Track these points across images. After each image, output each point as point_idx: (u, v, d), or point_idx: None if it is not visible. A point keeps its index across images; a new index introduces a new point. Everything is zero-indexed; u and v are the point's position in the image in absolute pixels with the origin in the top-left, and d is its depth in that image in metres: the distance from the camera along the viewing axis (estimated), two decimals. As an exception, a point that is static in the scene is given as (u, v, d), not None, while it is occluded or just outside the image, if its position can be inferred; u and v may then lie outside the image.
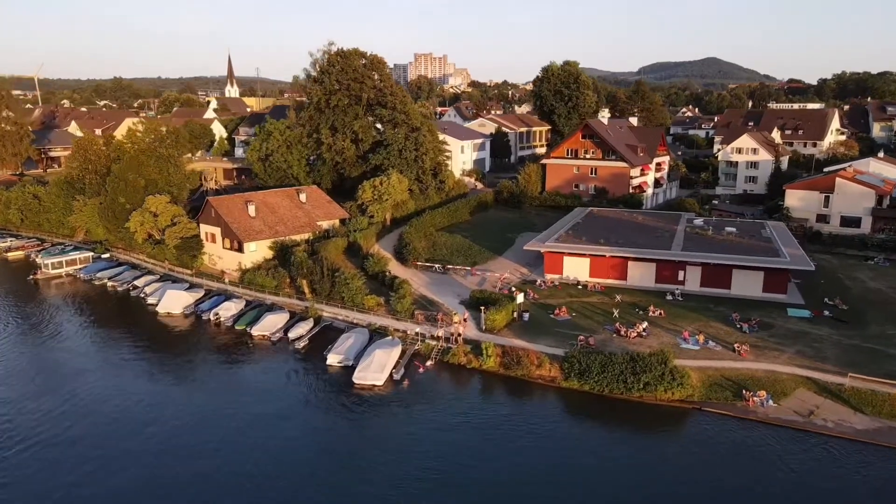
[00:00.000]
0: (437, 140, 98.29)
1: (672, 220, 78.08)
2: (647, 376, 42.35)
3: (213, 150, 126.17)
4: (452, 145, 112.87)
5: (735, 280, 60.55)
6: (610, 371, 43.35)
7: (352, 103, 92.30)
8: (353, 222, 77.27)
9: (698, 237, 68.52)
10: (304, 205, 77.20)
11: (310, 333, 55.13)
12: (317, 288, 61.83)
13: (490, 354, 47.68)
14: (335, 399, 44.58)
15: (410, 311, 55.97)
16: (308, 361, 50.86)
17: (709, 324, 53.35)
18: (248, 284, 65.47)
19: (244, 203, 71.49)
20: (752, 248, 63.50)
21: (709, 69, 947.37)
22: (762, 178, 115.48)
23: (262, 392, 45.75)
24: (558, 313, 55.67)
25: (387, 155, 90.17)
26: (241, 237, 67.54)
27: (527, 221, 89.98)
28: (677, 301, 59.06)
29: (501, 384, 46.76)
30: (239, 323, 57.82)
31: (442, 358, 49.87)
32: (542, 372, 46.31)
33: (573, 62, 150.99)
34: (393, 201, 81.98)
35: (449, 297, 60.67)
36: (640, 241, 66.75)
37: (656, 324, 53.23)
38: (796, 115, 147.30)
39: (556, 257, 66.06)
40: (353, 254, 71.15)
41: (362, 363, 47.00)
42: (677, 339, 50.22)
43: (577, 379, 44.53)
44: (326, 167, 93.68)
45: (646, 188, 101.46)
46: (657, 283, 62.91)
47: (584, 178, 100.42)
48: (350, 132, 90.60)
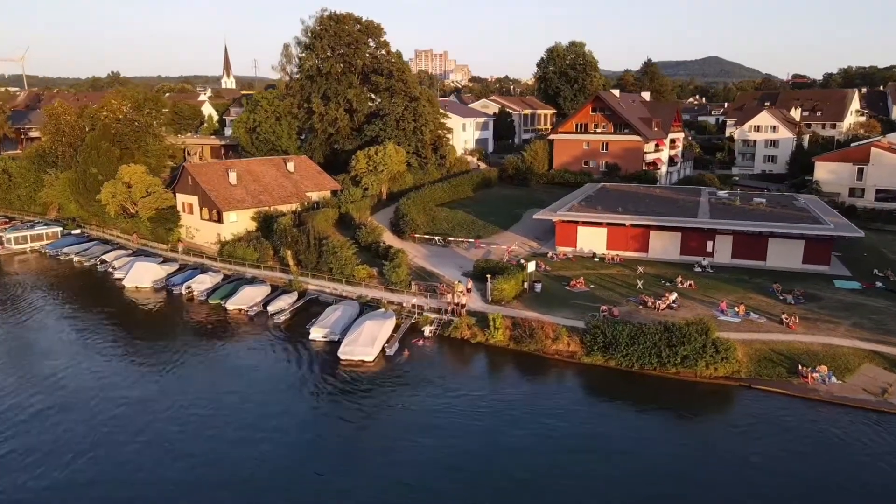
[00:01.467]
0: (438, 112, 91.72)
1: (692, 193, 71.48)
2: (686, 349, 35.78)
3: (202, 129, 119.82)
4: (454, 123, 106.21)
5: (771, 250, 53.94)
6: (641, 344, 36.78)
7: (345, 71, 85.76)
8: (345, 193, 70.71)
9: (726, 207, 61.93)
10: (291, 174, 70.65)
11: (292, 307, 48.59)
12: (302, 259, 55.27)
13: (498, 327, 41.15)
14: (316, 379, 37.94)
15: (407, 281, 49.46)
16: (289, 337, 44.30)
17: (747, 295, 46.74)
18: (228, 257, 58.91)
19: (224, 170, 64.91)
20: (788, 216, 56.90)
21: (710, 68, 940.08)
22: (782, 157, 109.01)
23: (232, 373, 39.05)
24: (574, 284, 49.12)
25: (383, 126, 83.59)
26: (220, 206, 60.98)
27: (534, 198, 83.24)
28: (707, 273, 52.48)
29: (512, 360, 40.19)
30: (213, 297, 51.27)
31: (442, 331, 43.35)
32: (559, 346, 39.74)
33: (580, 42, 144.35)
34: (389, 173, 75.42)
35: (450, 268, 54.12)
36: (662, 210, 60.23)
37: (687, 295, 46.68)
38: (814, 95, 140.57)
39: (570, 228, 59.48)
40: (344, 226, 64.65)
41: (349, 336, 40.45)
42: (713, 310, 43.63)
43: (601, 353, 37.95)
44: (318, 140, 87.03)
45: (660, 165, 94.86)
46: (682, 254, 56.31)
47: (594, 154, 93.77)
48: (344, 101, 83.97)
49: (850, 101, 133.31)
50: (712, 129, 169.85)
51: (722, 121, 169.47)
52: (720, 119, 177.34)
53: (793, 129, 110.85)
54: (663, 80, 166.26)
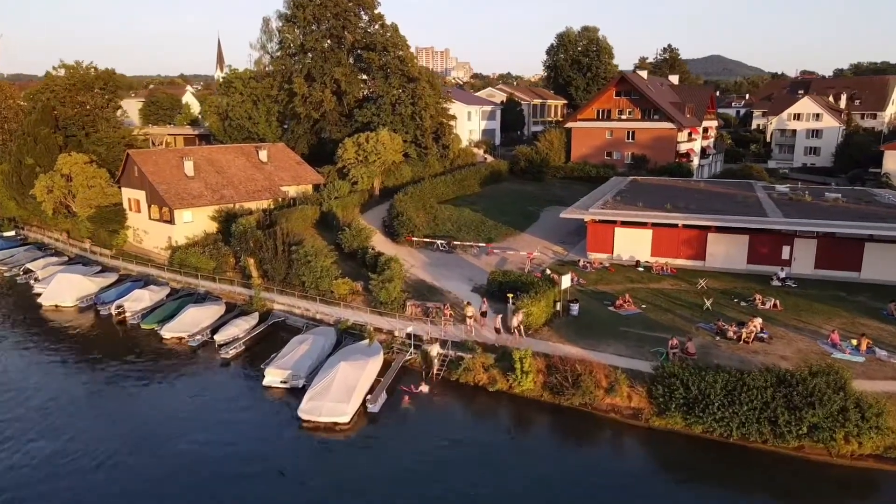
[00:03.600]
0: (440, 96, 79.86)
1: (742, 187, 59.64)
2: (816, 413, 23.84)
3: (177, 119, 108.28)
4: (458, 111, 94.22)
5: (868, 258, 42.05)
6: (745, 403, 24.81)
7: (333, 47, 73.98)
8: (328, 188, 58.92)
9: (795, 203, 50.09)
10: (264, 165, 58.83)
11: (248, 335, 36.65)
12: (268, 269, 43.52)
13: (527, 369, 29.28)
14: (261, 454, 25.97)
15: (400, 300, 37.64)
16: (236, 380, 32.49)
17: (855, 320, 34.93)
18: (179, 267, 47.12)
19: (179, 159, 53.03)
20: (884, 215, 45.08)
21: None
22: (826, 149, 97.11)
23: (136, 445, 27.05)
24: (621, 304, 37.30)
25: (377, 111, 71.79)
26: (170, 202, 49.12)
27: (551, 194, 71.66)
28: (789, 287, 40.65)
29: (548, 421, 28.39)
30: (147, 320, 39.41)
31: (448, 374, 31.54)
32: (616, 400, 27.86)
33: (593, 27, 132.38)
34: (383, 164, 63.59)
35: (457, 281, 42.34)
36: (720, 208, 48.39)
37: (772, 320, 34.84)
38: (851, 83, 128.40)
39: (605, 230, 47.65)
40: (327, 228, 52.86)
41: (317, 384, 28.54)
42: (820, 343, 31.82)
43: (681, 413, 26.05)
44: (302, 128, 75.17)
45: (692, 156, 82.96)
46: (750, 263, 44.49)
47: (618, 144, 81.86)
48: (331, 81, 72.13)
49: (892, 89, 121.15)
50: (733, 122, 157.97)
51: (745, 112, 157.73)
52: (741, 111, 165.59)
53: (838, 117, 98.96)
54: (684, 65, 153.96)
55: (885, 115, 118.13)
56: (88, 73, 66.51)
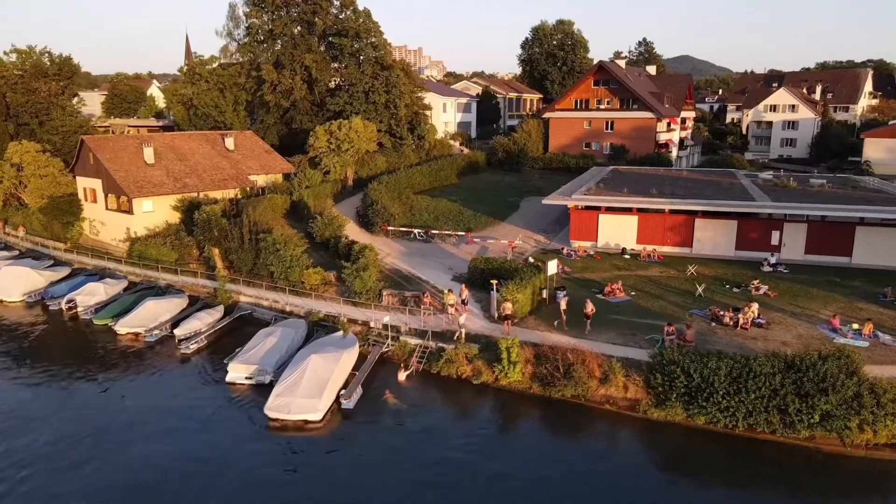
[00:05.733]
0: (414, 84, 77.55)
1: (725, 175, 58.35)
2: (826, 400, 22.01)
3: (141, 111, 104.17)
4: (433, 102, 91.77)
5: (859, 243, 40.79)
6: (751, 391, 22.87)
7: (303, 33, 71.15)
8: (299, 176, 56.16)
9: (781, 189, 48.77)
10: (231, 153, 55.82)
11: (211, 329, 33.89)
12: (234, 260, 40.72)
13: (514, 360, 27.08)
14: (223, 459, 23.42)
15: (376, 290, 35.21)
16: (198, 377, 29.70)
17: (851, 305, 33.48)
18: (139, 259, 44.03)
19: (139, 145, 49.81)
20: (872, 199, 43.95)
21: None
22: (802, 140, 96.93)
23: (94, 446, 24.41)
24: (609, 292, 35.36)
25: (350, 99, 69.15)
26: (128, 191, 45.95)
27: (530, 185, 69.75)
28: (781, 273, 39.15)
29: (538, 414, 26.25)
30: (101, 315, 36.32)
31: (429, 366, 29.21)
32: (611, 391, 25.80)
33: (568, 21, 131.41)
34: (356, 153, 60.94)
35: (436, 270, 40.05)
36: (707, 194, 46.87)
37: (768, 306, 33.19)
38: (824, 76, 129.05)
39: (589, 217, 45.79)
40: (298, 218, 50.23)
41: (286, 379, 25.97)
42: (820, 328, 30.21)
43: (681, 403, 24.06)
44: (272, 117, 72.20)
45: (672, 147, 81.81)
46: (739, 249, 42.99)
47: (597, 135, 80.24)
48: (301, 69, 69.26)
49: (864, 82, 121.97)
50: (708, 117, 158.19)
51: (719, 107, 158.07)
52: (714, 107, 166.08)
53: (814, 108, 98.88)
54: (659, 59, 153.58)
55: (858, 108, 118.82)
56: (42, 58, 62.81)
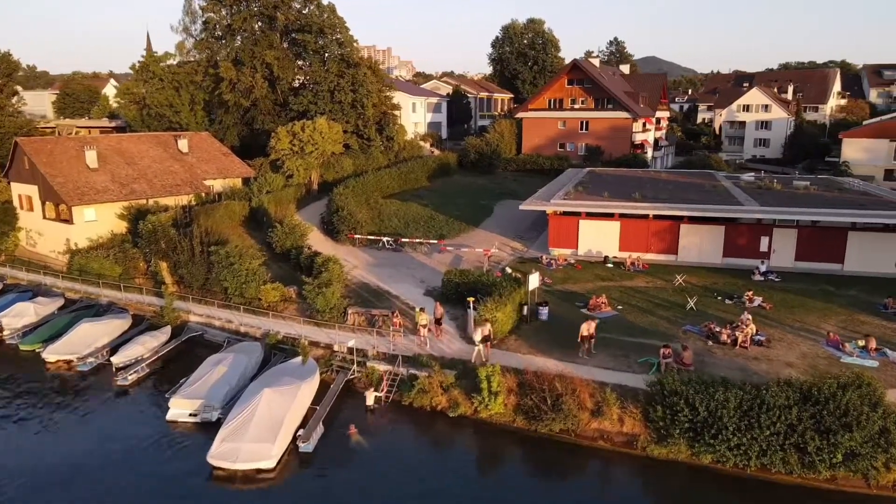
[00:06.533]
0: (382, 83, 74.25)
1: (705, 177, 56.39)
2: (850, 437, 19.51)
3: (94, 111, 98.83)
4: (402, 102, 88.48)
5: (852, 249, 38.89)
6: (765, 425, 20.27)
7: (264, 28, 67.34)
8: (259, 181, 52.53)
9: (765, 192, 46.81)
10: (184, 156, 51.90)
11: (155, 355, 30.26)
12: (184, 274, 37.04)
13: (495, 389, 24.13)
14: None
15: (341, 308, 31.94)
16: (135, 413, 26.14)
17: (853, 317, 31.36)
18: (79, 274, 39.98)
19: (80, 148, 45.65)
20: (864, 202, 42.14)
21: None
22: (776, 140, 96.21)
23: (7, 498, 20.87)
24: (594, 306, 32.68)
25: (314, 98, 65.59)
26: (67, 199, 41.85)
27: (504, 187, 67.18)
28: (772, 283, 36.95)
29: (523, 452, 23.32)
30: (28, 340, 32.36)
31: (400, 395, 26.08)
32: (605, 424, 23.00)
33: (538, 20, 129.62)
34: (321, 155, 57.47)
35: (406, 283, 36.94)
36: (691, 198, 44.61)
37: (764, 318, 30.87)
38: (793, 76, 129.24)
39: (569, 223, 43.17)
40: (257, 226, 46.60)
41: (234, 418, 22.60)
42: (823, 346, 27.89)
43: (685, 440, 21.37)
44: (231, 117, 68.14)
45: (647, 147, 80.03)
46: (726, 256, 40.78)
47: (571, 135, 77.98)
48: (262, 66, 65.41)
49: (833, 82, 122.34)
50: (679, 117, 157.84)
51: (689, 107, 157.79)
52: (684, 106, 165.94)
53: (786, 108, 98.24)
54: (631, 59, 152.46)
55: (827, 108, 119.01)
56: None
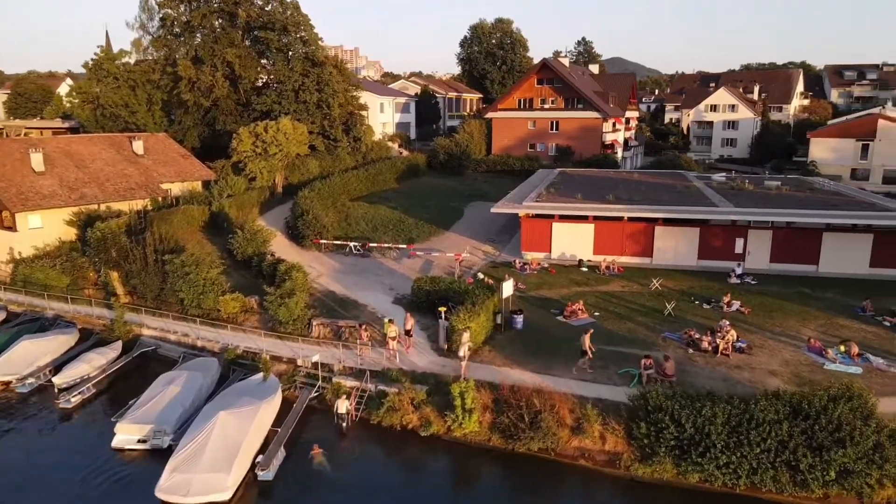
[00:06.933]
0: (349, 83, 72.36)
1: (677, 177, 55.96)
2: (844, 453, 18.54)
3: (47, 111, 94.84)
4: (370, 102, 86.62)
5: (827, 250, 38.48)
6: (755, 442, 19.20)
7: (224, 25, 64.91)
8: (220, 184, 50.33)
9: (738, 192, 46.36)
10: (140, 158, 49.41)
11: (103, 374, 28.10)
12: (137, 284, 34.82)
13: (469, 406, 22.69)
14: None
15: (305, 319, 30.18)
16: (78, 440, 24.03)
17: (832, 320, 30.75)
18: (23, 285, 37.39)
19: (25, 150, 42.94)
20: (837, 202, 41.87)
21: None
22: (743, 140, 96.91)
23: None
24: (570, 312, 31.51)
25: (277, 98, 63.45)
26: (9, 205, 39.20)
27: (474, 189, 65.92)
28: (749, 286, 36.29)
29: (500, 473, 21.92)
30: (-39, 358, 29.95)
31: (369, 414, 24.47)
32: (585, 442, 21.76)
33: (507, 20, 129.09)
34: (285, 157, 55.42)
35: (375, 291, 35.31)
36: (665, 199, 43.87)
37: (742, 324, 30.06)
38: (758, 77, 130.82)
39: (542, 225, 42.02)
40: (218, 231, 44.45)
41: (185, 447, 20.74)
42: (805, 352, 27.12)
43: (671, 458, 20.23)
44: (191, 117, 65.53)
45: (617, 147, 79.66)
46: (701, 258, 40.08)
47: (542, 135, 77.20)
48: (223, 64, 63.00)
49: (796, 82, 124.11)
50: (646, 117, 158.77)
51: (657, 107, 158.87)
52: (651, 106, 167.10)
53: (753, 108, 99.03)
54: (599, 59, 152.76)
55: (791, 107, 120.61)
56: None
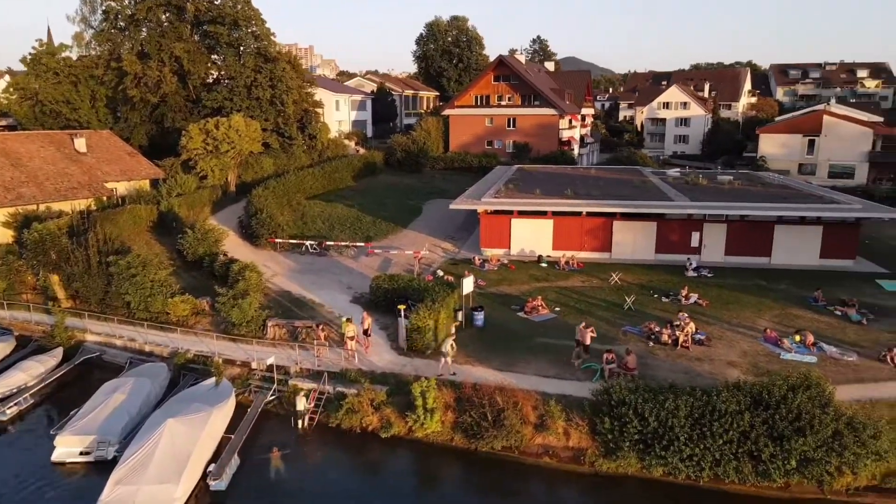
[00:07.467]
0: (303, 79, 70.89)
1: (633, 173, 56.55)
2: (804, 442, 18.64)
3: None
4: (325, 99, 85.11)
5: (778, 242, 39.27)
6: (717, 434, 19.16)
7: (172, 19, 62.71)
8: (170, 183, 48.52)
9: (693, 187, 47.04)
10: (82, 156, 47.24)
11: (42, 383, 26.49)
12: (80, 288, 33.10)
13: (431, 405, 22.11)
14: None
15: (259, 320, 29.12)
16: (15, 454, 22.51)
17: (786, 311, 31.29)
18: (-44, 290, 35.17)
19: (-44, 148, 40.56)
20: (787, 196, 42.80)
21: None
22: (695, 137, 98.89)
23: None
24: (531, 308, 31.27)
25: (229, 94, 61.70)
26: (-61, 205, 36.91)
27: (432, 186, 65.43)
28: (705, 278, 36.72)
29: (463, 473, 21.41)
30: None
31: (327, 417, 23.65)
32: (549, 439, 21.43)
33: (462, 17, 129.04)
34: (238, 155, 53.84)
35: (332, 290, 34.43)
36: (623, 194, 44.13)
37: (703, 317, 30.32)
38: (707, 75, 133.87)
39: (500, 222, 41.77)
40: (167, 232, 42.76)
41: (131, 458, 19.59)
42: (762, 342, 27.46)
43: (635, 453, 20.05)
44: (138, 114, 63.09)
45: (574, 144, 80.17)
46: (659, 252, 40.43)
47: (499, 132, 77.12)
48: (170, 59, 60.84)
49: (744, 81, 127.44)
50: (601, 114, 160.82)
51: (610, 105, 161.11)
52: (606, 104, 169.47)
53: (704, 106, 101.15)
54: (554, 57, 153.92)
55: (739, 105, 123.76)
56: None
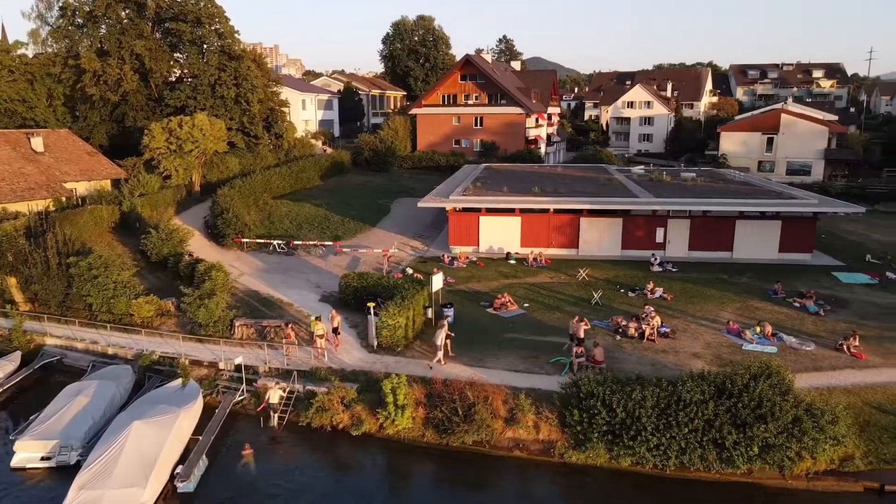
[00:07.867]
0: (269, 78, 70.18)
1: (598, 171, 57.35)
2: (765, 428, 19.17)
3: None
4: (291, 98, 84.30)
5: (740, 237, 40.28)
6: (683, 423, 19.59)
7: (132, 16, 61.42)
8: (132, 183, 47.55)
9: (657, 184, 47.94)
10: (40, 156, 45.98)
11: (1, 388, 25.77)
12: (39, 291, 32.24)
13: (402, 402, 22.11)
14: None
15: (226, 320, 28.74)
16: (-27, 460, 21.97)
17: (748, 303, 32.11)
18: None
19: None
20: (749, 192, 43.89)
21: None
22: (658, 136, 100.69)
23: None
24: (500, 305, 31.50)
25: (192, 93, 60.73)
26: None
27: (400, 185, 65.35)
28: (671, 273, 37.46)
29: (435, 468, 21.48)
30: None
31: (298, 416, 23.47)
32: (519, 433, 21.63)
33: (428, 17, 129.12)
34: (203, 154, 52.99)
35: (301, 290, 34.17)
36: (590, 191, 44.74)
37: (668, 311, 30.92)
38: (670, 75, 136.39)
39: (469, 219, 41.97)
40: (130, 233, 41.91)
41: (95, 462, 19.17)
42: (725, 334, 28.14)
43: (603, 443, 20.37)
44: (98, 113, 61.69)
45: (540, 143, 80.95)
46: (625, 248, 41.10)
47: (466, 131, 77.50)
48: (130, 57, 59.58)
49: (706, 81, 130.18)
50: (566, 114, 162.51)
51: (576, 104, 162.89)
52: (571, 104, 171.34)
53: (667, 105, 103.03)
54: (520, 56, 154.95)
55: (701, 104, 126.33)
56: None
